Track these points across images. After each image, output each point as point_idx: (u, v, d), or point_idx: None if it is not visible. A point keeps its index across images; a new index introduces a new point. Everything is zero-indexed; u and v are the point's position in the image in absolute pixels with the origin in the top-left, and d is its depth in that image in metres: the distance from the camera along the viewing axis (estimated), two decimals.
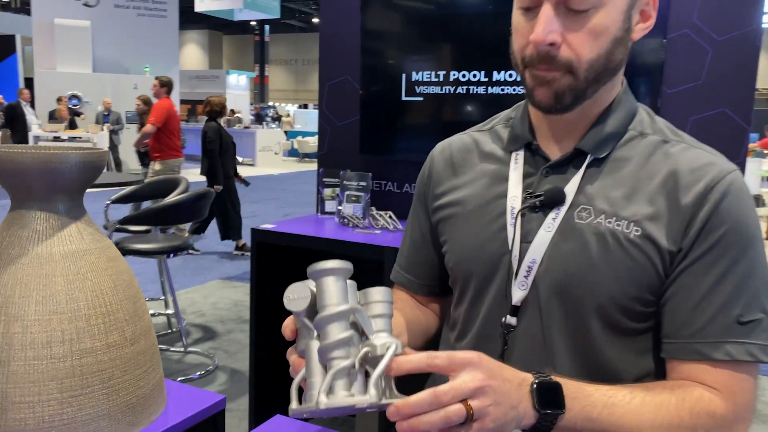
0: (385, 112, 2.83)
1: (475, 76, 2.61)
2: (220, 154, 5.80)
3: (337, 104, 3.04)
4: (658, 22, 2.22)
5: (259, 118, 19.39)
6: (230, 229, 6.20)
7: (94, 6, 12.95)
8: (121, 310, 0.84)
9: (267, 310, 2.66)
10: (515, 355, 0.88)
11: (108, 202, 4.35)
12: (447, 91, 2.69)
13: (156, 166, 6.16)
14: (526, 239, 0.87)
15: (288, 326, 0.73)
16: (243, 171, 6.71)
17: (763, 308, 0.80)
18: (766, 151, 11.25)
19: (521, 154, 0.92)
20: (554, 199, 0.86)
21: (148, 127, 6.05)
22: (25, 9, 24.11)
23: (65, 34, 12.51)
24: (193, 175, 6.57)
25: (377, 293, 0.69)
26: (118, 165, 12.14)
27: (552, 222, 0.86)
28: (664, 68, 2.34)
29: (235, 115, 17.68)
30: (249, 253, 6.28)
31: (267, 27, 30.94)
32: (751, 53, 2.28)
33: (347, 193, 2.79)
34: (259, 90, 30.88)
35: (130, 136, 12.58)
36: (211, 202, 3.66)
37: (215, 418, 0.95)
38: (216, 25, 32.66)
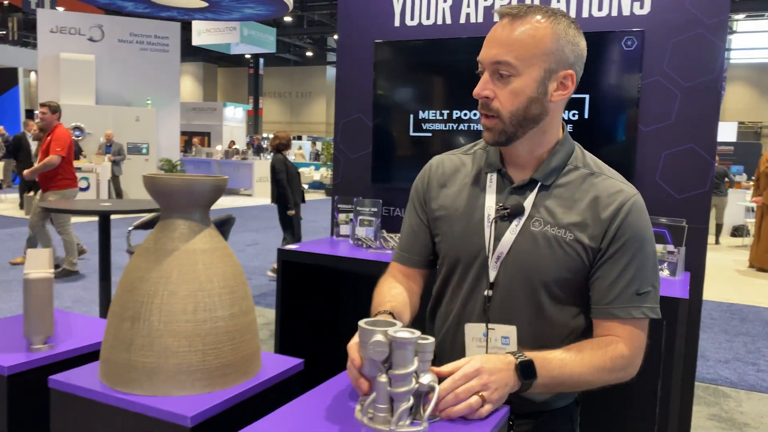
0: (395, 146, 3.19)
1: (475, 114, 2.98)
2: (288, 182, 6.36)
3: (350, 139, 3.38)
4: (634, 70, 2.60)
5: (259, 149, 19.78)
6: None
7: (98, 41, 13.38)
8: (239, 291, 1.17)
9: (292, 322, 2.97)
10: (492, 314, 1.27)
11: (130, 229, 4.67)
12: (450, 128, 3.05)
13: (51, 197, 6.01)
14: (498, 238, 1.26)
15: (357, 359, 1.07)
16: (241, 201, 7.10)
17: (652, 284, 1.22)
18: (750, 183, 11.66)
19: (494, 176, 1.31)
20: (517, 212, 1.25)
21: (54, 158, 5.90)
22: (23, 42, 24.59)
23: (70, 67, 12.90)
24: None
25: (428, 346, 1.03)
26: (119, 194, 12.44)
27: (515, 227, 1.25)
28: (639, 109, 2.71)
29: (233, 147, 18.06)
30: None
31: (261, 60, 31.55)
32: (713, 97, 2.65)
33: (360, 217, 3.13)
34: (254, 122, 31.36)
35: (131, 166, 12.95)
36: (231, 228, 3.99)
37: (295, 377, 1.27)
38: (211, 58, 33.24)
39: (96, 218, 10.75)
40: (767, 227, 8.31)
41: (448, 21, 3.10)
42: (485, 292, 1.27)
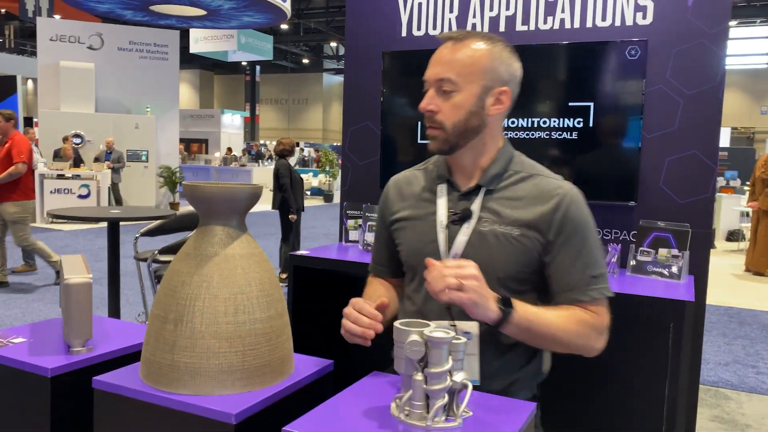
0: (403, 152, 3.25)
1: None
2: (290, 188, 6.43)
3: (358, 146, 3.44)
4: (637, 78, 2.67)
5: (259, 155, 19.83)
6: (279, 259, 6.67)
7: (98, 49, 13.43)
8: (274, 293, 1.22)
9: (302, 326, 3.01)
10: (454, 311, 1.35)
11: (137, 235, 4.70)
12: None
13: (11, 208, 5.77)
14: (451, 241, 1.37)
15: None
16: None
17: (602, 266, 1.36)
18: (746, 188, 11.75)
19: (444, 186, 1.44)
20: (466, 215, 1.38)
21: (20, 166, 5.64)
22: (19, 50, 24.62)
23: (70, 75, 12.93)
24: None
25: (461, 346, 1.09)
26: (119, 201, 12.47)
27: (466, 230, 1.37)
28: (643, 116, 2.77)
29: (232, 154, 18.11)
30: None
31: (258, 67, 31.63)
32: (714, 105, 2.72)
33: (369, 223, 3.18)
34: (250, 128, 31.41)
35: (130, 173, 12.98)
36: None
37: (327, 377, 1.32)
38: (207, 65, 33.31)
39: (95, 225, 10.69)
40: (763, 232, 8.39)
41: None
42: None
